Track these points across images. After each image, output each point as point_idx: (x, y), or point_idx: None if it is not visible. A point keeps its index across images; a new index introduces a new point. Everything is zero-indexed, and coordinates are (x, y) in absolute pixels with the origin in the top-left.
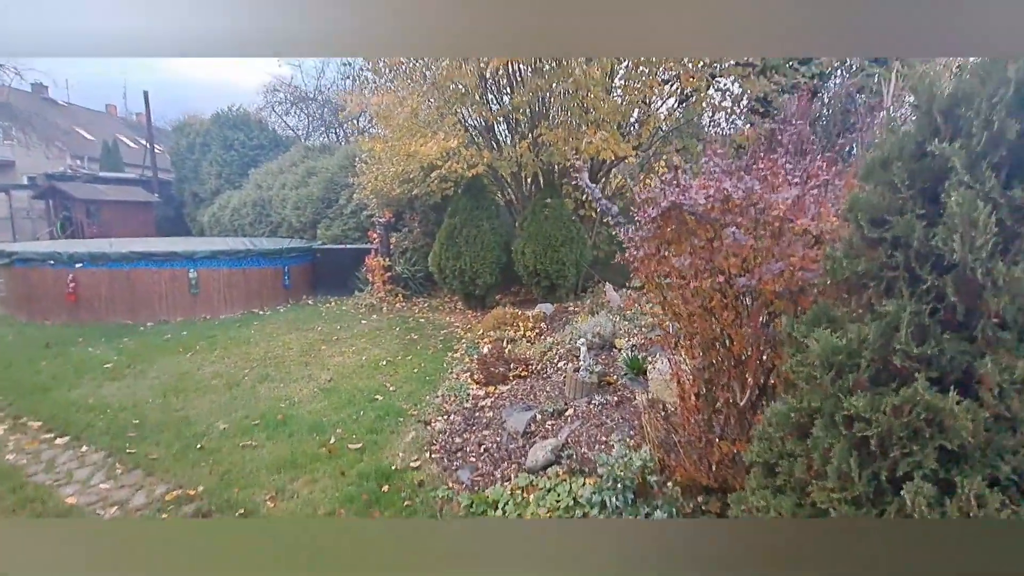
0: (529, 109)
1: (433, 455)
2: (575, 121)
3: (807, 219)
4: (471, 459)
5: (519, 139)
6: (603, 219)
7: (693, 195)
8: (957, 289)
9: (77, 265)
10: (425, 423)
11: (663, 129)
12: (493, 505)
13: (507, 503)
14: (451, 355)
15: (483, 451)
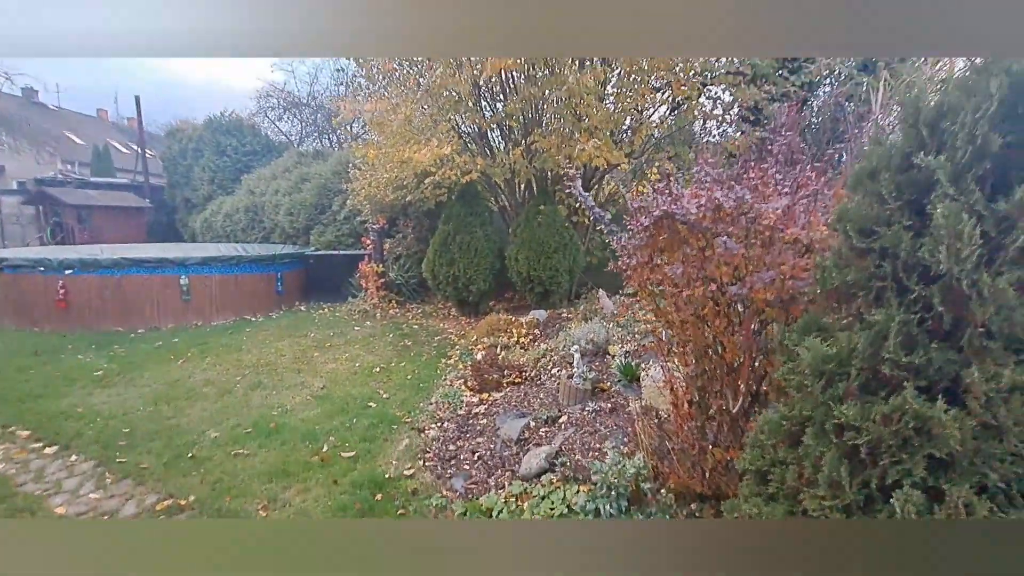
0: (522, 116)
1: (427, 463)
2: (568, 128)
3: (797, 228)
4: (465, 467)
5: (513, 146)
6: (596, 226)
7: (685, 204)
8: (944, 299)
9: (67, 272)
10: (419, 430)
11: (655, 136)
12: (487, 513)
13: (501, 511)
14: (445, 362)
15: (477, 459)
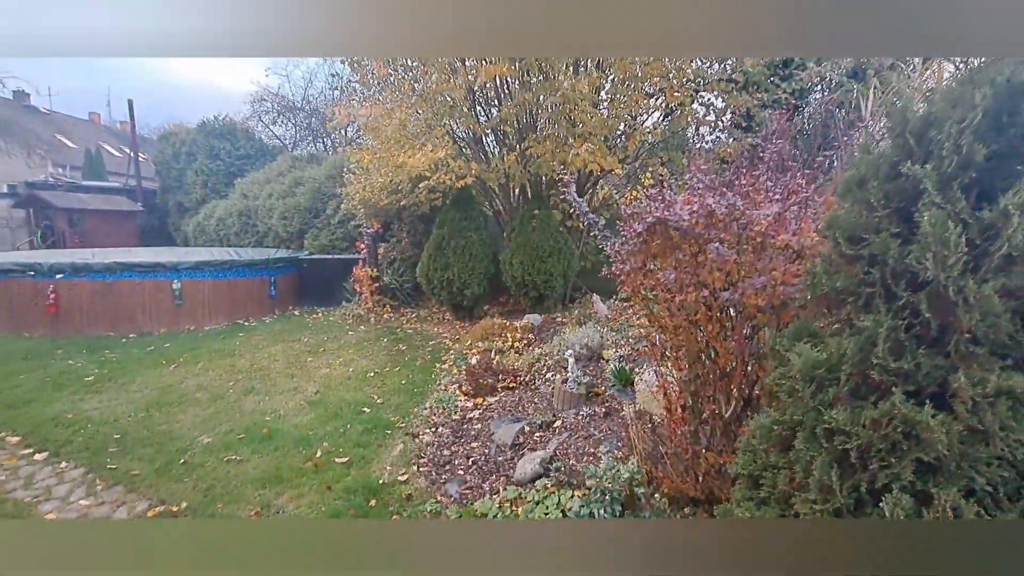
0: (517, 121)
1: (421, 468)
2: (562, 134)
3: (788, 234)
4: (459, 472)
5: (507, 151)
6: (590, 231)
7: (678, 210)
8: (931, 305)
9: (58, 276)
10: (413, 435)
11: (649, 142)
12: (482, 518)
13: (496, 516)
14: (439, 366)
15: (471, 464)
